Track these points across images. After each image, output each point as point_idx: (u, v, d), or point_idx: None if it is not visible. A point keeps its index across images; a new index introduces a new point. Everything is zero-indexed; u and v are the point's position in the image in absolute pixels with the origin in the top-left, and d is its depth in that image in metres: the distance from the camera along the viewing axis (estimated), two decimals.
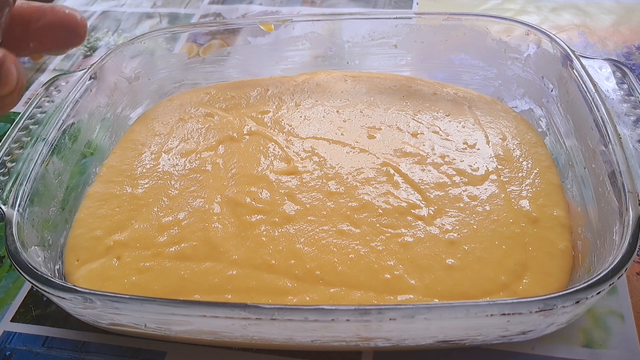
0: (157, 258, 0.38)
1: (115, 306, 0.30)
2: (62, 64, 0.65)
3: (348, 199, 0.40)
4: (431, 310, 0.27)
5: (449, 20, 0.49)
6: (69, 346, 0.36)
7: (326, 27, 0.53)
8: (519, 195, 0.40)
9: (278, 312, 0.28)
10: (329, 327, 0.29)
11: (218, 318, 0.29)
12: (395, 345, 0.32)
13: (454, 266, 0.35)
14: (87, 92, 0.45)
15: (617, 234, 0.31)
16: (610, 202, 0.33)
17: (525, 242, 0.37)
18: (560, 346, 0.34)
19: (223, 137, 0.48)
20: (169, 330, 0.32)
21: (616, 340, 0.34)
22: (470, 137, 0.46)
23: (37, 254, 0.35)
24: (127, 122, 0.51)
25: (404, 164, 0.43)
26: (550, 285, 0.34)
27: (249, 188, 0.42)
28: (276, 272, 0.36)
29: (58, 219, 0.40)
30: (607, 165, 0.35)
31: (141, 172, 0.45)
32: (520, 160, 0.43)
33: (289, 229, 0.38)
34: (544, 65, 0.46)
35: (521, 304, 0.27)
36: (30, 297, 0.40)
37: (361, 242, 0.37)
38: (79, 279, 0.37)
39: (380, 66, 0.54)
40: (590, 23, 0.63)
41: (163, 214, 0.41)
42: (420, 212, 0.39)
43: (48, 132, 0.40)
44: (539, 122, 0.46)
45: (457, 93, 0.50)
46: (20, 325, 0.38)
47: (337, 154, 0.45)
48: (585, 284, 0.28)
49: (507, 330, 0.30)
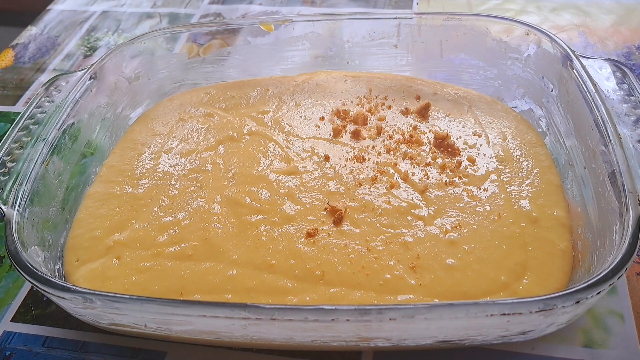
0: (157, 258, 0.38)
1: (115, 306, 0.30)
2: (62, 64, 0.65)
3: (348, 198, 0.40)
4: (431, 310, 0.27)
5: (449, 21, 0.49)
6: (69, 346, 0.36)
7: (326, 27, 0.53)
8: (519, 195, 0.40)
9: (278, 312, 0.28)
10: (329, 327, 0.29)
11: (218, 318, 0.29)
12: (395, 345, 0.32)
13: (454, 266, 0.35)
14: (87, 92, 0.45)
15: (617, 234, 0.31)
16: (610, 202, 0.33)
17: (525, 242, 0.37)
18: (560, 346, 0.34)
19: (223, 137, 0.48)
20: (169, 330, 0.32)
21: (616, 341, 0.34)
22: (471, 137, 0.46)
23: (37, 254, 0.35)
24: (127, 122, 0.51)
25: (404, 164, 0.43)
26: (551, 285, 0.34)
27: (249, 188, 0.42)
28: (276, 272, 0.36)
29: (58, 219, 0.40)
30: (607, 165, 0.35)
31: (141, 172, 0.45)
32: (521, 160, 0.43)
33: (289, 228, 0.38)
34: (544, 65, 0.46)
35: (521, 304, 0.27)
36: (30, 297, 0.40)
37: (361, 242, 0.37)
38: (79, 279, 0.37)
39: (381, 66, 0.54)
40: (590, 23, 0.63)
41: (163, 214, 0.41)
42: (420, 212, 0.39)
43: (48, 132, 0.40)
44: (539, 122, 0.47)
45: (457, 93, 0.50)
46: (20, 325, 0.38)
47: (337, 154, 0.45)
48: (585, 284, 0.28)
49: (507, 330, 0.30)
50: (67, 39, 0.70)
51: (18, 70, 0.65)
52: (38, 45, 0.69)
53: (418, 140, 0.45)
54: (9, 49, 0.69)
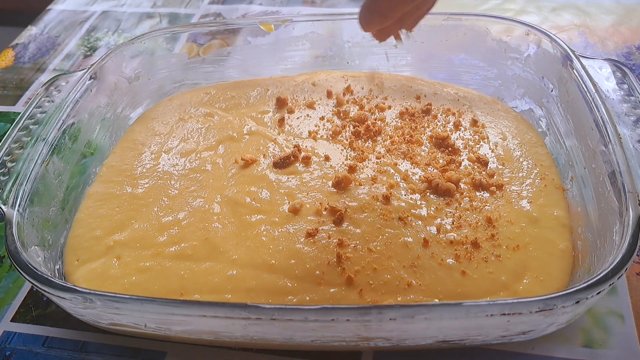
0: (157, 258, 0.37)
1: (115, 306, 0.30)
2: (62, 64, 0.65)
3: (348, 199, 0.40)
4: (431, 310, 0.27)
5: (449, 20, 0.49)
6: (69, 346, 0.36)
7: (326, 27, 0.53)
8: (519, 195, 0.40)
9: (278, 312, 0.28)
10: (329, 327, 0.29)
11: (218, 318, 0.29)
12: (395, 345, 0.32)
13: (454, 266, 0.35)
14: (87, 92, 0.45)
15: (617, 234, 0.31)
16: (610, 202, 0.33)
17: (525, 242, 0.37)
18: (560, 346, 0.34)
19: (223, 137, 0.48)
20: (169, 330, 0.32)
21: (616, 341, 0.34)
22: (471, 137, 0.46)
23: (37, 254, 0.35)
24: (127, 122, 0.51)
25: (404, 164, 0.43)
26: (551, 285, 0.34)
27: (248, 188, 0.42)
28: (276, 272, 0.36)
29: (58, 219, 0.40)
30: (607, 165, 0.35)
31: (141, 172, 0.45)
32: (521, 160, 0.43)
33: (289, 228, 0.38)
34: (544, 65, 0.46)
35: (521, 304, 0.27)
36: (30, 297, 0.40)
37: (361, 242, 0.37)
38: (79, 278, 0.37)
39: (381, 66, 0.54)
40: (590, 23, 0.63)
41: (163, 214, 0.41)
42: (420, 212, 0.39)
43: (48, 132, 0.40)
44: (539, 122, 0.46)
45: (458, 93, 0.50)
46: (20, 325, 0.38)
47: (337, 154, 0.45)
48: (585, 284, 0.28)
49: (507, 330, 0.30)
50: (67, 39, 0.70)
51: (18, 70, 0.65)
52: (38, 45, 0.69)
53: (418, 141, 0.45)
54: (9, 49, 0.69)
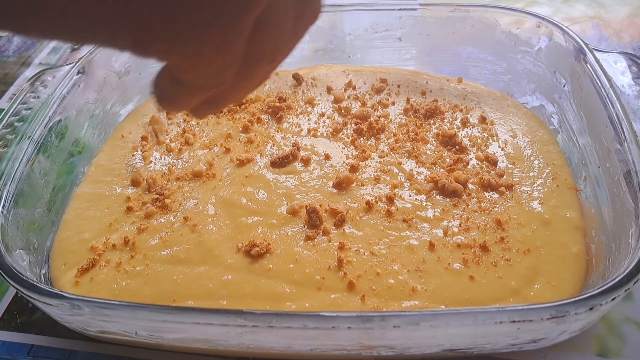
0: (149, 262, 0.36)
1: (104, 313, 0.29)
2: (48, 58, 0.64)
3: (349, 200, 0.39)
4: (437, 317, 0.27)
5: (455, 12, 0.48)
6: (56, 355, 0.35)
7: (327, 19, 0.52)
8: (530, 196, 0.39)
9: (276, 319, 0.27)
10: (329, 335, 0.28)
11: (213, 325, 0.28)
12: (399, 354, 0.31)
13: (461, 271, 0.34)
14: (75, 87, 0.44)
15: (633, 236, 0.30)
16: (626, 203, 0.33)
17: (537, 246, 0.35)
18: (573, 355, 0.33)
19: (217, 134, 0.46)
20: (161, 339, 0.32)
21: (632, 349, 0.33)
22: (479, 134, 0.44)
23: (22, 258, 0.34)
24: (116, 119, 0.49)
25: (409, 163, 0.42)
26: (563, 291, 0.33)
27: (244, 188, 0.40)
28: (274, 277, 0.34)
29: (44, 221, 0.39)
30: (623, 165, 0.34)
31: (131, 171, 0.43)
32: (532, 159, 0.42)
33: (287, 231, 0.37)
34: (556, 59, 0.45)
35: (532, 311, 0.26)
36: (15, 304, 0.39)
37: (364, 245, 0.36)
38: (66, 284, 0.36)
39: (384, 60, 0.53)
40: (604, 15, 0.61)
41: (155, 216, 0.39)
42: (426, 214, 0.38)
43: (34, 130, 0.39)
44: (551, 119, 0.45)
45: (465, 88, 0.49)
46: (4, 333, 0.37)
47: (338, 152, 0.43)
48: (600, 290, 0.27)
49: (517, 338, 0.29)
50: None
51: (2, 65, 0.63)
52: (23, 38, 0.67)
53: (423, 139, 0.44)
54: None
